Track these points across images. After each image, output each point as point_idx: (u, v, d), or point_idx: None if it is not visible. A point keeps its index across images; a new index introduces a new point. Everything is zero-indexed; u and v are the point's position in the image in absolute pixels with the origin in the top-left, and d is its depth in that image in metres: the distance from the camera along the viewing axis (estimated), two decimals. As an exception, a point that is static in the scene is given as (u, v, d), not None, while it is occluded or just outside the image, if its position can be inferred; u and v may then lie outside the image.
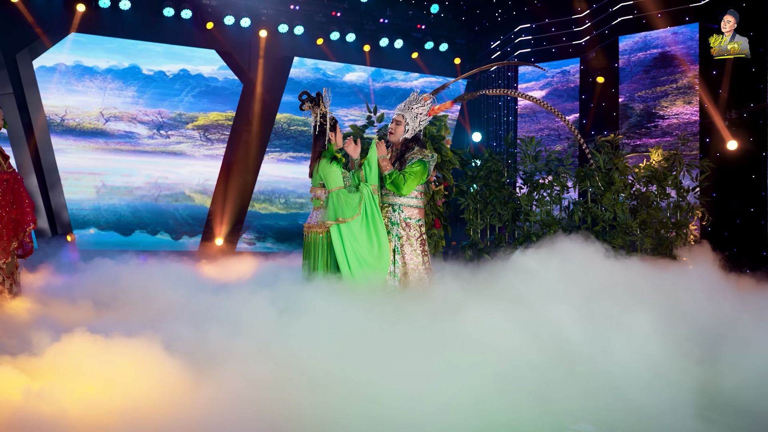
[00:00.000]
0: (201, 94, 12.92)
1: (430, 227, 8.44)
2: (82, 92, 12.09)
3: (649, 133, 11.02)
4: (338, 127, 5.55)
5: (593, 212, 8.59)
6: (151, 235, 12.58)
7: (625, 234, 8.46)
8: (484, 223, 8.95)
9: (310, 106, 5.50)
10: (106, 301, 6.07)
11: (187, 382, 3.42)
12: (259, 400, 3.28)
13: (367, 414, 3.31)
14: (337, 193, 5.32)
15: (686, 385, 3.81)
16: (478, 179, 8.82)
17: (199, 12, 12.50)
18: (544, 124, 12.88)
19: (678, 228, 8.37)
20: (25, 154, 11.56)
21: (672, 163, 8.47)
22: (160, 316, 4.72)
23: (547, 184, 8.73)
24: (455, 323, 4.22)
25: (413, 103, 5.94)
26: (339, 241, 5.25)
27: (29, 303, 5.85)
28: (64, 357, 3.47)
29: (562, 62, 12.74)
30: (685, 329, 4.48)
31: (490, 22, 14.34)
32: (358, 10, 13.68)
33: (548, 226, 8.63)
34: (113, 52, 12.28)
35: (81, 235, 12.04)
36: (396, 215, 5.72)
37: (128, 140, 12.41)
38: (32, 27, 11.55)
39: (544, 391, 3.61)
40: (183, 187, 12.84)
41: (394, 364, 3.66)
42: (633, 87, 11.27)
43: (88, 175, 12.16)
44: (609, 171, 8.51)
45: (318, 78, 13.79)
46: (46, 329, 3.95)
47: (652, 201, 8.49)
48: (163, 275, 6.99)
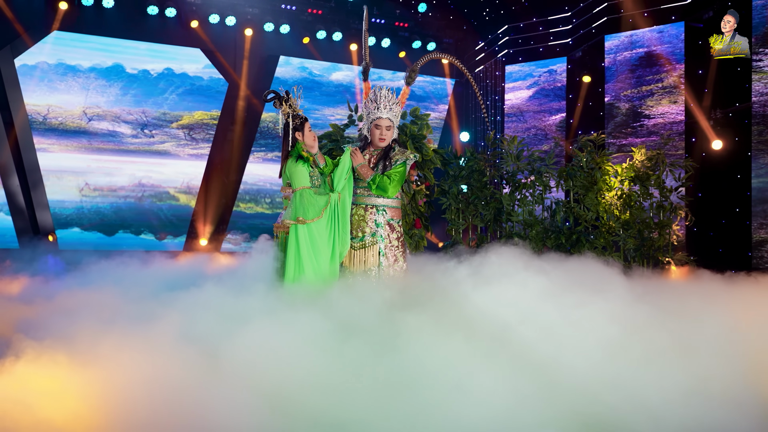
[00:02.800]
0: (185, 93, 12.82)
1: (411, 227, 8.35)
2: (64, 91, 11.98)
3: (634, 132, 10.95)
4: (307, 125, 5.41)
5: (576, 212, 8.51)
6: (134, 235, 12.48)
7: (608, 234, 8.39)
8: (466, 223, 8.86)
9: (279, 104, 5.41)
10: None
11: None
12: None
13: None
14: (300, 193, 5.21)
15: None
16: (460, 179, 8.73)
17: (184, 10, 12.41)
18: (531, 123, 12.81)
19: (661, 228, 8.30)
20: (6, 154, 11.45)
21: (655, 163, 8.39)
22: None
23: (529, 184, 8.65)
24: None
25: (391, 102, 5.86)
26: (294, 242, 5.13)
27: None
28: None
29: (549, 61, 12.68)
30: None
31: (477, 21, 14.26)
32: (345, 9, 13.60)
33: (530, 226, 8.55)
34: (96, 51, 12.18)
35: (63, 235, 11.93)
36: (381, 217, 5.64)
37: (112, 139, 12.31)
38: (13, 25, 11.44)
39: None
40: (167, 187, 12.74)
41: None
42: (619, 86, 11.21)
43: (70, 174, 12.05)
44: (591, 170, 8.44)
45: (304, 77, 13.70)
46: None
47: (635, 201, 8.42)
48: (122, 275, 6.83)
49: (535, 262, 5.26)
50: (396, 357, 3.73)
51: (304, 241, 5.11)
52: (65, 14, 11.70)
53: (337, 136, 8.66)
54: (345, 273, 5.55)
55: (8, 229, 11.50)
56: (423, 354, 3.76)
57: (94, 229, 12.20)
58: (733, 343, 4.10)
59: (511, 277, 4.80)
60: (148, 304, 4.63)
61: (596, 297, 4.49)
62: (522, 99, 13.04)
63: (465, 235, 9.04)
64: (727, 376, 3.71)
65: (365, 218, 5.59)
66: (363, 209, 5.62)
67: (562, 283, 4.72)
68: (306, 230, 5.13)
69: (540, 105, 12.79)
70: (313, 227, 5.13)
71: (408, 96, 6.33)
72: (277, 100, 5.36)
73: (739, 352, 4.00)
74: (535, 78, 12.86)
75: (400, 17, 14.10)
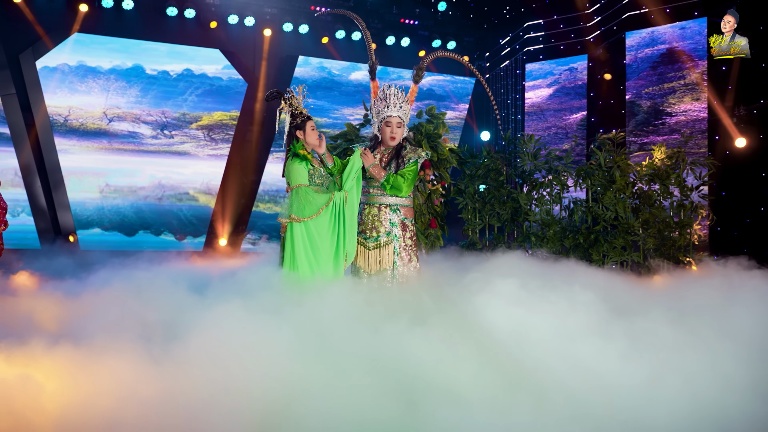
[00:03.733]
0: (205, 93, 12.86)
1: (426, 227, 8.28)
2: (85, 92, 12.07)
3: (656, 130, 10.77)
4: (309, 124, 5.36)
5: (594, 211, 8.39)
6: (154, 236, 12.53)
7: (627, 234, 8.25)
8: (482, 223, 8.76)
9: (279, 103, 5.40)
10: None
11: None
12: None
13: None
14: (296, 191, 5.15)
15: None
16: (477, 178, 8.64)
17: (203, 11, 12.44)
18: (552, 122, 12.67)
19: (681, 227, 8.15)
20: (28, 155, 11.56)
21: (675, 161, 8.24)
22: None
23: (546, 183, 8.54)
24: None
25: (400, 100, 5.80)
26: (290, 240, 5.06)
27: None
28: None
29: (570, 59, 12.53)
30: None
31: (498, 19, 14.14)
32: (364, 8, 13.54)
33: (548, 225, 8.44)
34: (116, 52, 12.25)
35: (84, 236, 12.01)
36: (395, 216, 5.59)
37: (132, 140, 12.38)
38: (35, 27, 11.55)
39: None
40: (187, 188, 12.78)
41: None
42: (640, 84, 11.04)
43: (91, 175, 12.14)
44: (610, 169, 8.30)
45: (323, 77, 13.68)
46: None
47: (654, 200, 8.28)
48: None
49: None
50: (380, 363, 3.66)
51: (299, 239, 5.03)
52: (85, 16, 11.78)
53: (352, 135, 8.62)
54: (360, 274, 5.50)
55: (30, 230, 11.60)
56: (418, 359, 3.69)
57: (114, 230, 12.27)
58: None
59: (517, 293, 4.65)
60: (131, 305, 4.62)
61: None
62: (542, 97, 12.90)
63: (482, 235, 8.95)
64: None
65: (380, 218, 5.54)
66: (377, 208, 5.56)
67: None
68: (302, 228, 5.05)
69: (561, 103, 12.64)
70: (311, 225, 5.05)
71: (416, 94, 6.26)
72: (280, 100, 5.34)
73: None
74: (555, 76, 12.72)
75: (419, 16, 14.02)
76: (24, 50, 11.57)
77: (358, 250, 5.54)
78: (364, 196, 5.61)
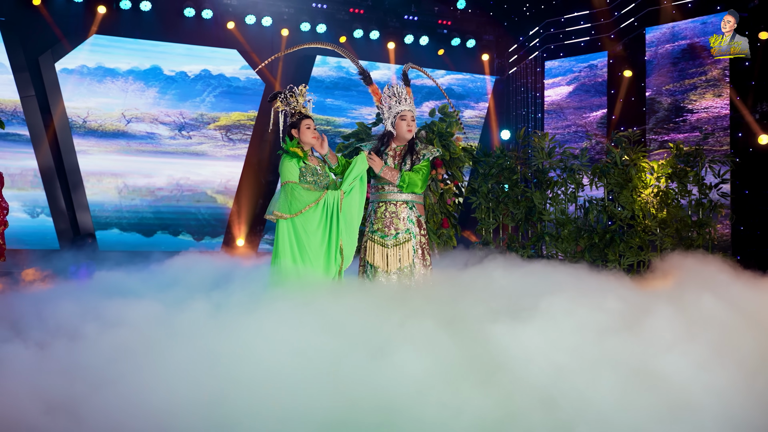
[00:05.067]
0: (223, 94, 12.87)
1: (438, 226, 8.18)
2: (103, 94, 12.14)
3: (677, 128, 10.54)
4: (305, 123, 5.33)
5: (610, 211, 8.22)
6: (173, 236, 12.57)
7: (644, 233, 8.08)
8: (496, 223, 8.64)
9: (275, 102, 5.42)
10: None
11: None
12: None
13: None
14: (284, 187, 5.10)
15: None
16: (490, 177, 8.51)
17: (220, 12, 12.45)
18: (572, 120, 12.48)
19: (700, 227, 7.95)
20: (47, 156, 11.65)
21: (694, 159, 8.05)
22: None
23: (560, 182, 8.39)
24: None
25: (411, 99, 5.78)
26: (276, 236, 5.03)
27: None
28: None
29: (590, 56, 12.34)
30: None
31: (518, 16, 13.97)
32: (382, 7, 13.47)
33: (562, 225, 8.30)
34: (134, 54, 12.31)
35: (103, 236, 12.08)
36: (412, 213, 5.54)
37: (150, 141, 12.43)
38: (54, 29, 11.63)
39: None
40: (205, 188, 12.80)
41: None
42: (660, 80, 10.81)
43: (110, 176, 12.20)
44: (626, 167, 8.13)
45: (341, 77, 13.63)
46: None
47: (672, 199, 8.09)
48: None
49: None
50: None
51: (284, 235, 4.99)
52: (103, 18, 11.83)
53: (363, 134, 8.56)
54: (377, 273, 5.42)
55: (50, 231, 11.69)
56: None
57: (132, 230, 12.32)
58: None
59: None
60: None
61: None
62: (562, 95, 12.72)
63: (495, 235, 8.83)
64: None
65: (398, 215, 5.47)
66: (394, 205, 5.50)
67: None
68: (288, 225, 5.00)
69: (580, 101, 12.45)
70: (297, 222, 4.99)
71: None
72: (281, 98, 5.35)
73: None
74: (575, 73, 12.53)
75: (438, 14, 13.91)
76: (43, 52, 11.66)
77: (375, 249, 5.47)
78: (378, 194, 5.56)
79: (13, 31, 11.44)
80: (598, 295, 4.57)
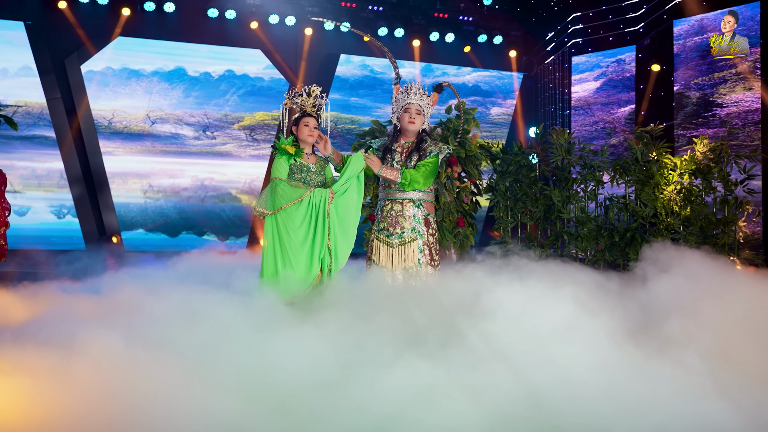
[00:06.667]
0: (247, 94, 12.88)
1: (454, 226, 8.03)
2: (128, 95, 12.23)
3: (706, 123, 10.21)
4: (305, 121, 5.28)
5: (631, 208, 7.97)
6: (197, 236, 12.61)
7: (667, 231, 7.81)
8: (515, 221, 8.45)
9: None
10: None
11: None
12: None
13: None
14: (271, 183, 5.05)
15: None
16: (508, 174, 8.32)
17: (243, 12, 12.46)
18: (599, 116, 12.18)
19: (725, 225, 7.66)
20: (73, 158, 11.77)
21: (719, 155, 7.76)
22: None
23: (580, 179, 8.17)
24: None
25: (421, 92, 5.67)
26: (264, 233, 4.98)
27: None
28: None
29: (617, 51, 12.04)
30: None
31: (546, 11, 13.71)
32: (407, 4, 13.34)
33: (582, 223, 8.07)
34: (159, 55, 12.39)
35: (128, 237, 12.17)
36: (419, 212, 5.41)
37: (174, 142, 12.49)
38: (79, 32, 11.75)
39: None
40: (229, 188, 12.83)
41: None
42: (689, 74, 10.48)
43: (135, 176, 12.30)
44: (647, 164, 7.88)
45: (365, 75, 13.53)
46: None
47: (696, 196, 7.82)
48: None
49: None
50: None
51: (267, 231, 4.99)
52: (128, 20, 11.93)
53: (378, 132, 8.45)
54: (383, 273, 5.32)
55: (76, 231, 11.82)
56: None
57: (158, 230, 12.40)
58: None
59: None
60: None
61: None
62: (589, 91, 12.44)
63: (513, 234, 8.63)
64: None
65: (403, 213, 5.36)
66: (400, 204, 5.38)
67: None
68: (272, 221, 4.97)
69: (608, 97, 12.15)
70: (279, 219, 4.92)
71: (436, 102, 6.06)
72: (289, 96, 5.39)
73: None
74: (602, 69, 12.24)
75: (464, 11, 13.72)
76: (69, 55, 11.79)
77: (381, 248, 5.37)
78: (385, 192, 5.46)
79: (40, 34, 11.60)
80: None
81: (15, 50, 11.52)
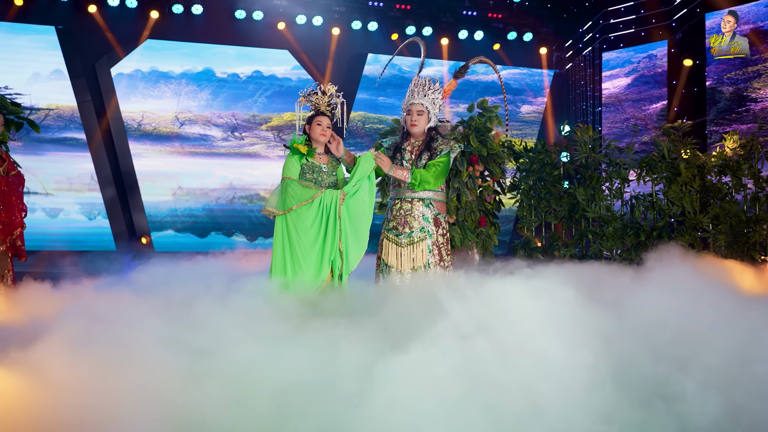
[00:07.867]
0: (274, 95, 12.91)
1: (476, 225, 7.91)
2: (157, 97, 12.34)
3: (739, 118, 9.92)
4: (315, 120, 5.23)
5: (658, 206, 7.77)
6: (226, 237, 12.66)
7: (695, 230, 7.60)
8: (538, 220, 8.29)
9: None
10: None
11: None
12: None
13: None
14: (282, 183, 4.97)
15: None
16: (531, 173, 8.18)
17: (271, 13, 12.48)
18: (630, 113, 11.93)
19: (756, 223, 7.41)
20: (103, 160, 11.92)
21: (749, 151, 7.51)
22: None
23: (605, 177, 7.98)
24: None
25: (428, 89, 5.56)
26: (274, 233, 4.91)
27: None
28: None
29: (648, 46, 11.77)
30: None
31: (577, 7, 13.48)
32: (436, 2, 13.23)
33: (607, 222, 7.89)
34: (187, 57, 12.48)
35: (158, 238, 12.28)
36: (428, 211, 5.33)
37: (203, 143, 12.56)
38: (108, 35, 11.90)
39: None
40: (257, 188, 12.86)
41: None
42: (722, 69, 10.18)
43: (164, 178, 12.39)
44: (674, 160, 7.67)
45: (393, 74, 13.45)
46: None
47: (725, 193, 7.58)
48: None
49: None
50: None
51: (277, 232, 4.87)
52: (156, 22, 12.05)
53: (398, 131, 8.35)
54: (391, 273, 5.24)
55: (106, 232, 11.96)
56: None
57: (187, 231, 12.48)
58: None
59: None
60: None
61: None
62: (620, 87, 12.19)
63: (537, 233, 8.48)
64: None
65: (412, 212, 5.27)
66: (409, 203, 5.29)
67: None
68: (282, 222, 4.87)
69: (639, 93, 11.90)
70: (289, 219, 4.84)
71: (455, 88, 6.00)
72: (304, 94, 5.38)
73: None
74: (633, 64, 11.99)
75: (493, 8, 13.56)
76: (99, 58, 11.94)
77: (390, 247, 5.30)
78: (394, 191, 5.39)
79: (70, 38, 11.77)
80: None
81: (47, 54, 11.70)
